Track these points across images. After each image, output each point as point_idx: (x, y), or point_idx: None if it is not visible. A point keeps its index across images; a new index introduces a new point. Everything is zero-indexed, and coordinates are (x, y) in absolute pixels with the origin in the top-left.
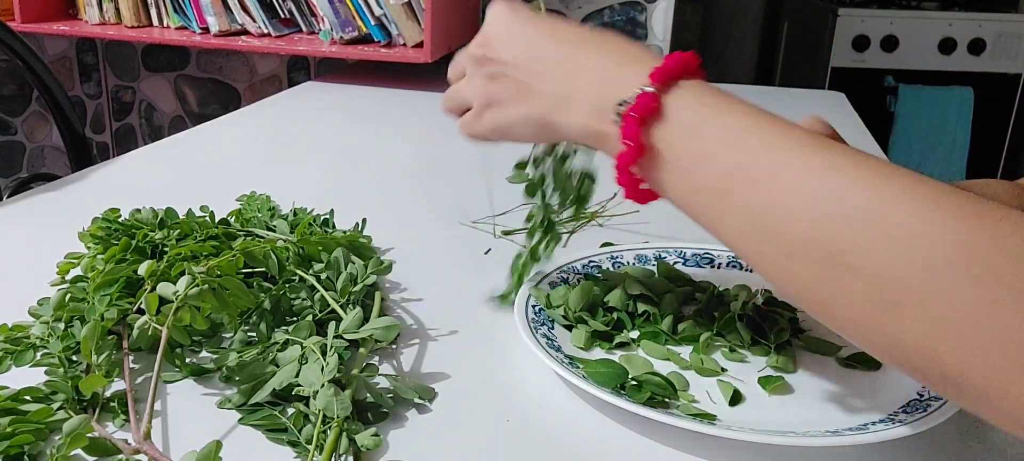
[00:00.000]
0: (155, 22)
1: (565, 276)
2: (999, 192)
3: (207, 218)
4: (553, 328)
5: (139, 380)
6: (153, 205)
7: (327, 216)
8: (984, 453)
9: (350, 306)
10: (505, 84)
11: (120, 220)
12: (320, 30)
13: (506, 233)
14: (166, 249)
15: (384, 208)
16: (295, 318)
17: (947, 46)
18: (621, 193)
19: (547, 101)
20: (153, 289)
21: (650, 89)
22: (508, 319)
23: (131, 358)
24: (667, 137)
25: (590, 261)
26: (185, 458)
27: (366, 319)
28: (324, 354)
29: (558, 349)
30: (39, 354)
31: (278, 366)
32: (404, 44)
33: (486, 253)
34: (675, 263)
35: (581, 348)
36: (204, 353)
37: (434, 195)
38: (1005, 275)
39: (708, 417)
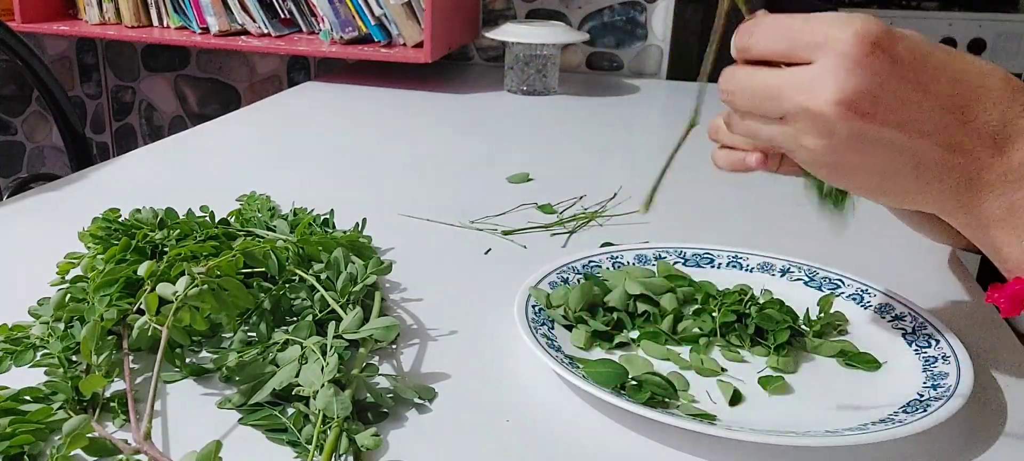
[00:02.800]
0: (155, 22)
1: (565, 276)
2: None
3: (207, 218)
4: (553, 328)
5: (139, 380)
6: (153, 205)
7: (327, 216)
8: (984, 453)
9: (350, 306)
10: (881, 156)
11: (120, 220)
12: (320, 30)
13: (506, 233)
14: (166, 249)
15: (384, 208)
16: (295, 318)
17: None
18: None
19: (947, 184)
20: (153, 289)
21: None
22: (508, 319)
23: (131, 358)
24: None
25: (590, 261)
26: (185, 458)
27: (366, 319)
28: (324, 354)
29: (558, 349)
30: (39, 354)
31: (278, 366)
32: (404, 44)
33: (486, 253)
34: (675, 263)
35: (581, 348)
36: (204, 353)
37: (434, 195)
38: None
39: (708, 417)
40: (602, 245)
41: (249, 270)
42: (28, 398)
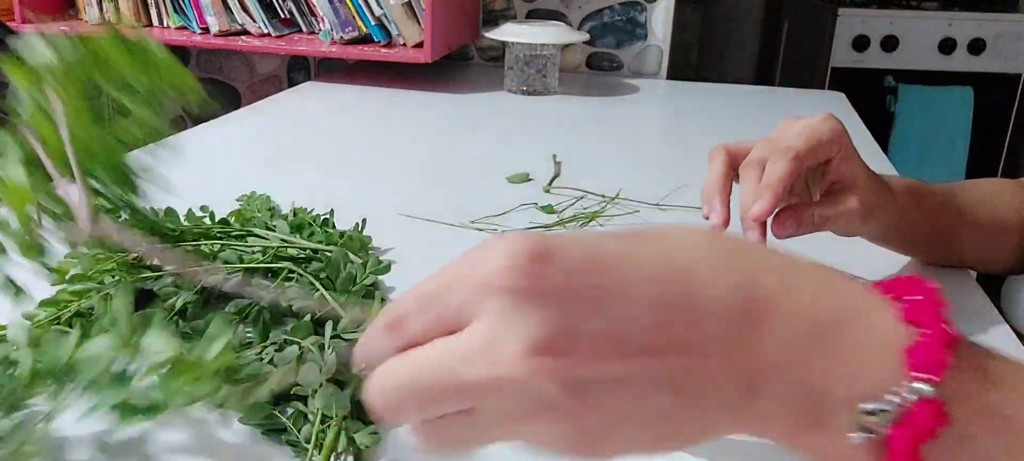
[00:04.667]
0: (155, 22)
1: None
2: (999, 192)
3: (207, 218)
4: None
5: None
6: (153, 205)
7: (327, 216)
8: None
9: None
10: (623, 397)
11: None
12: (320, 30)
13: (506, 233)
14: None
15: (384, 208)
16: (294, 318)
17: (947, 46)
18: None
19: (705, 420)
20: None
21: (927, 391)
22: None
23: None
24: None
25: None
26: None
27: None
28: (322, 353)
29: None
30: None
31: (276, 366)
32: (404, 44)
33: None
34: None
35: None
36: None
37: (434, 195)
38: None
39: None
40: None
41: (249, 270)
42: None
